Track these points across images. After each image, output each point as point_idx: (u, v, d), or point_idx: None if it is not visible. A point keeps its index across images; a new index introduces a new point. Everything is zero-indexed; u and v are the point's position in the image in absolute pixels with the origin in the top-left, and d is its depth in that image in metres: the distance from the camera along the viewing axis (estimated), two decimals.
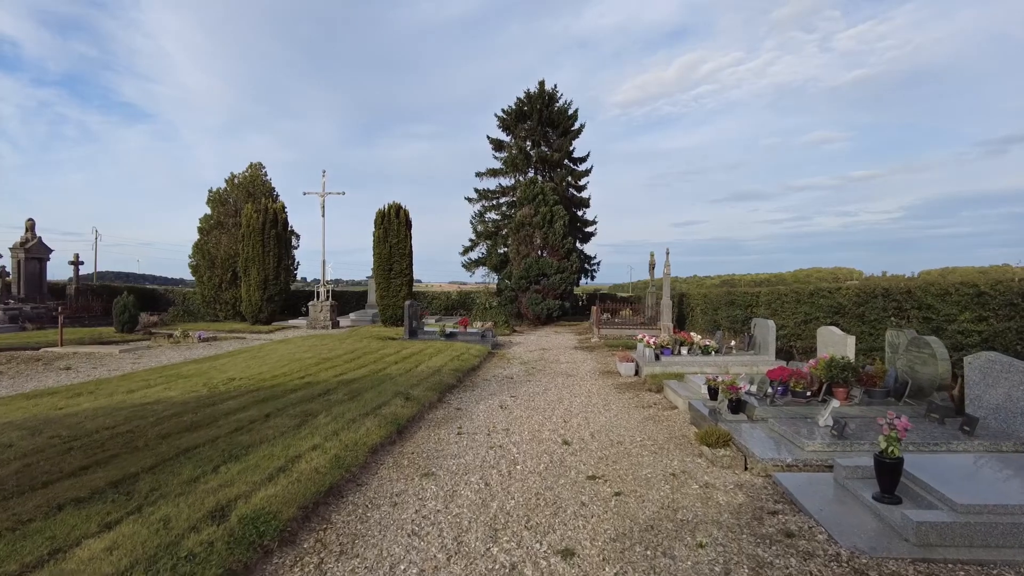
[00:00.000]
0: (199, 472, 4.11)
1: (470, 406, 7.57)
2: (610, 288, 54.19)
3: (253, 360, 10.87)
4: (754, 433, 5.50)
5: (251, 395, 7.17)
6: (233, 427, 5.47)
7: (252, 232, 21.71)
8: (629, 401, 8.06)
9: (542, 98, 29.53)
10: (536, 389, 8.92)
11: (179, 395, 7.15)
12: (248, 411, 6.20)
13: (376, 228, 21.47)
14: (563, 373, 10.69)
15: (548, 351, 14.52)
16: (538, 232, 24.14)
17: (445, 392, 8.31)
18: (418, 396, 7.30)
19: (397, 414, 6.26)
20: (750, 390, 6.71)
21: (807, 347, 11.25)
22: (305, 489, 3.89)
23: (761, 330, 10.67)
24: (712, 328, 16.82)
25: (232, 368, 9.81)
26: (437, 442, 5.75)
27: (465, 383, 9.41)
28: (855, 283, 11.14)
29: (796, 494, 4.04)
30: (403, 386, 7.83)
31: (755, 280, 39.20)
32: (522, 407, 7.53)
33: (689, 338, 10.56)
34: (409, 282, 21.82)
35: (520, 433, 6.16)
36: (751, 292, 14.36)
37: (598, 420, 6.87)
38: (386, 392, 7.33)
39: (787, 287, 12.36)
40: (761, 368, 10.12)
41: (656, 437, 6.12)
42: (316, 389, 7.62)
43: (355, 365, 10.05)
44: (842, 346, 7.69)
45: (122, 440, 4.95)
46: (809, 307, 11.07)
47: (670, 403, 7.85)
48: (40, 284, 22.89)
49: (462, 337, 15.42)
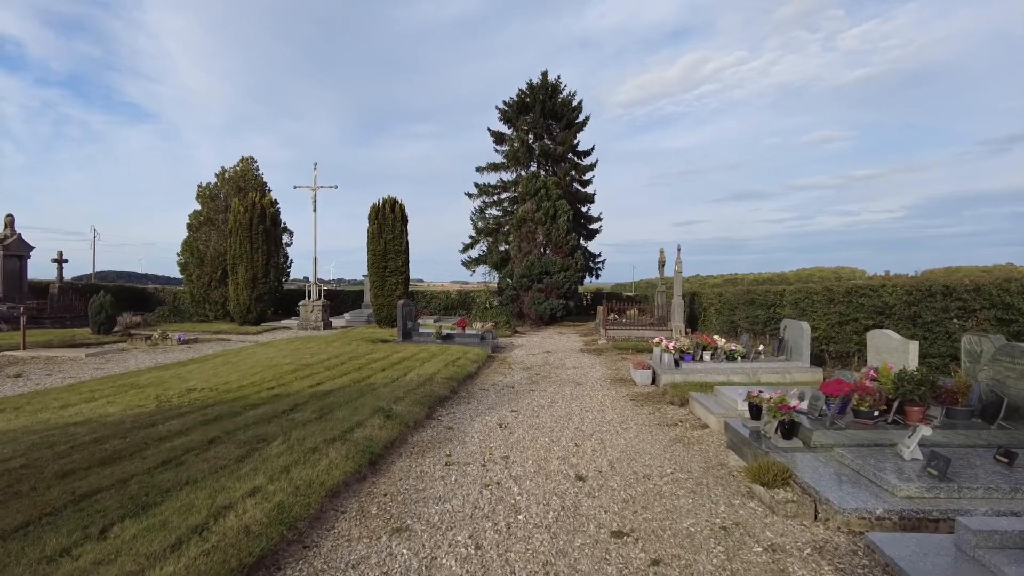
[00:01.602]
0: (77, 537, 2.98)
1: (464, 424, 6.42)
2: (612, 287, 52.96)
3: (225, 366, 9.75)
4: (818, 467, 4.34)
5: (202, 412, 6.04)
6: (161, 459, 4.34)
7: (240, 228, 20.59)
8: (650, 417, 6.90)
9: (545, 89, 28.37)
10: (541, 401, 7.77)
11: (118, 412, 6.02)
12: (190, 435, 5.07)
13: (370, 223, 20.33)
14: (571, 381, 9.54)
15: (552, 354, 13.38)
16: (540, 228, 22.99)
17: (436, 406, 7.17)
18: (402, 413, 6.16)
19: (372, 439, 5.12)
20: (800, 407, 5.55)
21: (841, 352, 10.10)
22: (219, 567, 2.75)
23: (793, 333, 9.50)
24: (728, 329, 15.65)
25: (197, 376, 8.68)
26: (419, 477, 4.60)
27: (460, 394, 8.26)
28: (903, 280, 9.96)
29: (910, 573, 2.88)
30: (386, 400, 6.69)
31: (757, 279, 38.10)
32: (525, 425, 6.38)
33: (712, 342, 9.40)
34: (405, 280, 20.67)
35: (523, 463, 5.01)
36: (774, 290, 13.19)
37: (616, 443, 5.71)
38: (364, 408, 6.18)
39: (818, 284, 11.18)
40: (795, 376, 8.96)
41: (690, 467, 4.97)
42: (282, 404, 6.48)
43: (336, 373, 8.91)
44: (901, 353, 6.52)
45: (4, 481, 3.81)
46: (845, 307, 9.90)
47: (699, 420, 6.70)
48: (20, 283, 21.80)
49: (460, 339, 14.28)
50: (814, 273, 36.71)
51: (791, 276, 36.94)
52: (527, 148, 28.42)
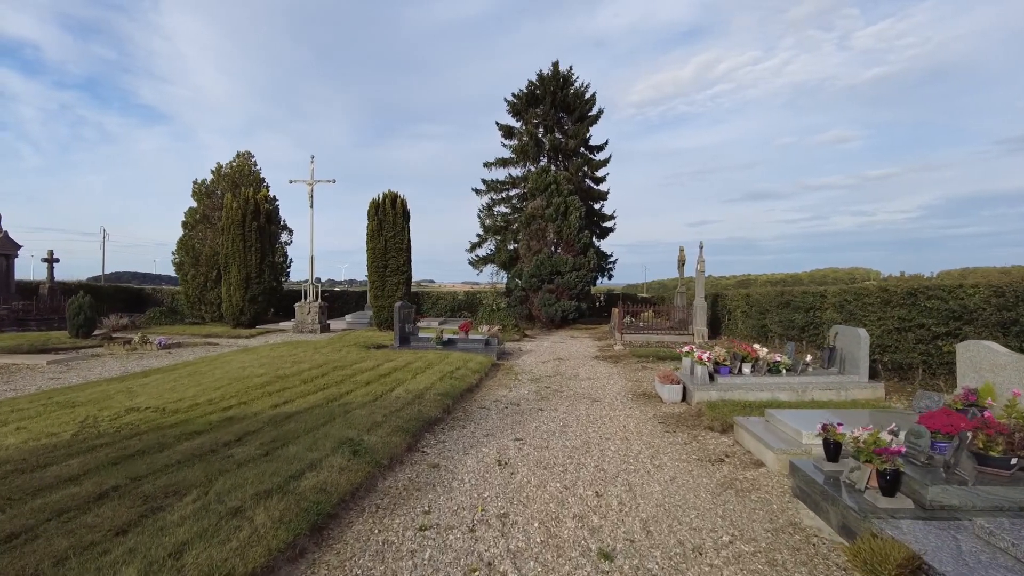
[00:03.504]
0: None
1: (454, 460, 5.11)
2: (624, 288, 51.38)
3: (189, 378, 8.53)
4: (957, 548, 2.97)
5: (123, 445, 4.79)
6: (5, 533, 3.06)
7: (232, 224, 19.48)
8: (686, 449, 5.54)
9: (556, 80, 26.98)
10: (551, 425, 6.44)
11: (16, 445, 4.79)
12: (81, 483, 3.81)
13: (369, 220, 19.10)
14: (586, 396, 8.20)
15: (564, 362, 12.03)
16: (551, 225, 21.63)
17: (422, 433, 5.87)
18: (374, 446, 4.87)
19: (326, 488, 3.83)
20: (900, 448, 4.16)
21: (901, 363, 8.65)
22: None
23: (846, 341, 8.08)
24: (757, 334, 14.19)
25: (150, 391, 7.47)
26: (378, 553, 3.29)
27: (455, 414, 6.96)
28: (990, 277, 8.49)
29: None
30: (359, 426, 5.40)
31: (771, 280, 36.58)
32: (531, 462, 5.05)
33: (752, 351, 8.00)
34: (407, 280, 19.43)
35: (526, 526, 3.69)
36: (812, 291, 11.73)
37: (650, 491, 4.37)
38: (327, 440, 4.90)
39: (874, 284, 9.73)
40: (852, 393, 7.54)
41: (753, 532, 3.62)
42: (228, 432, 5.21)
43: (312, 388, 7.64)
44: (1015, 372, 5.10)
45: None
46: (907, 310, 8.44)
47: (750, 455, 5.32)
48: (7, 283, 20.92)
49: (462, 345, 12.99)
50: (828, 274, 35.43)
51: (804, 277, 35.67)
52: (536, 142, 27.04)
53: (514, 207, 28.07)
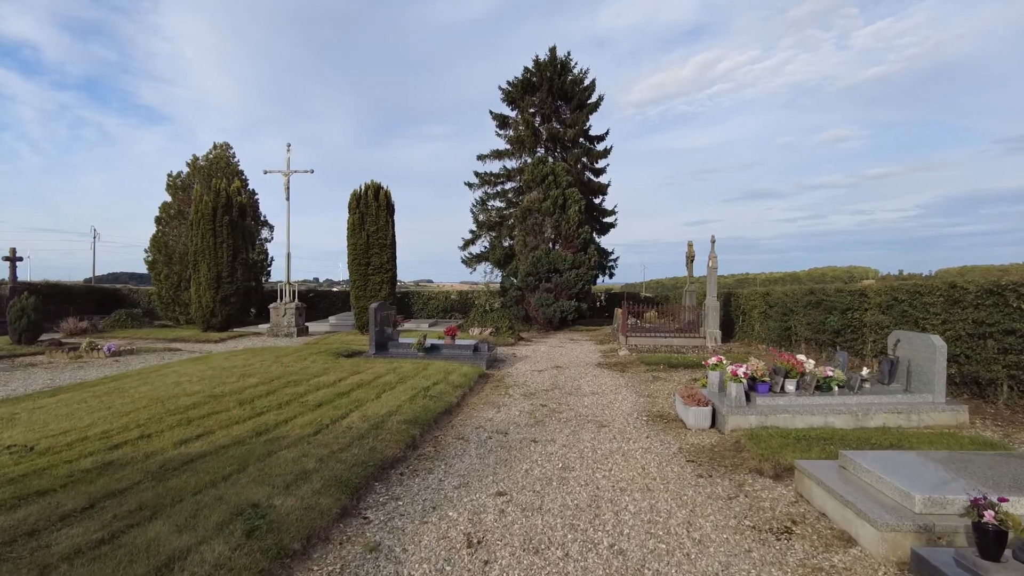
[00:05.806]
0: None
1: (404, 536, 3.53)
2: (623, 288, 49.75)
3: (103, 398, 6.95)
4: None
5: None
6: None
7: (202, 219, 17.87)
8: (732, 507, 3.97)
9: (553, 66, 25.40)
10: (547, 467, 4.87)
11: None
12: None
13: (351, 213, 17.53)
14: (591, 419, 6.64)
15: (564, 371, 10.47)
16: (548, 220, 20.05)
17: (369, 483, 4.30)
18: (286, 516, 3.30)
19: None
20: None
21: (977, 377, 7.11)
22: None
23: (913, 351, 6.52)
24: (779, 338, 12.63)
25: (37, 418, 5.89)
26: None
27: (423, 450, 5.39)
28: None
29: None
30: (276, 479, 3.84)
31: (770, 279, 35.16)
32: (516, 538, 3.48)
33: (798, 364, 6.43)
34: (392, 279, 17.85)
35: None
36: (849, 289, 10.17)
37: None
38: (217, 507, 3.33)
39: (935, 280, 8.17)
40: (926, 418, 6.00)
41: None
42: (84, 492, 3.64)
43: (245, 413, 6.06)
44: None
45: None
46: (986, 312, 6.90)
47: (825, 519, 3.74)
48: None
49: (448, 351, 11.42)
50: (826, 272, 34.46)
51: (803, 275, 34.71)
52: (533, 131, 25.46)
53: (509, 201, 26.50)
